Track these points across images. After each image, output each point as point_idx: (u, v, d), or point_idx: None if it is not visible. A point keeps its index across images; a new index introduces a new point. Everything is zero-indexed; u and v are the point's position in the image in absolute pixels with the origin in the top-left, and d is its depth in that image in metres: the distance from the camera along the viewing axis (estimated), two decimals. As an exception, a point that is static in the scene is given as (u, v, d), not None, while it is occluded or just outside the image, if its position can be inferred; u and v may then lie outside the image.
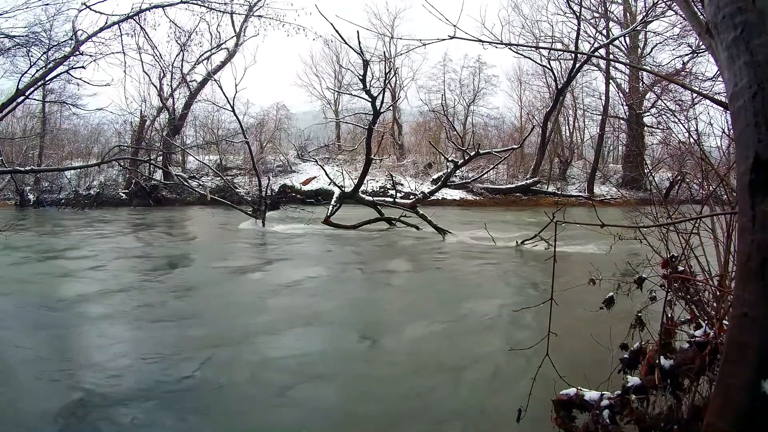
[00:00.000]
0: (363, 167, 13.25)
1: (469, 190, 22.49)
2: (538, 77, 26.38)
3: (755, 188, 1.09)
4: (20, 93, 9.84)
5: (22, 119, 23.58)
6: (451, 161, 13.32)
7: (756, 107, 1.10)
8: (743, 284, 1.14)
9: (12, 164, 17.54)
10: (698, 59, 18.95)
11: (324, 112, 29.09)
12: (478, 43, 2.54)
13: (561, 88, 21.38)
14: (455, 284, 6.50)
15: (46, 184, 21.46)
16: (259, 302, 5.48)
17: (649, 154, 17.83)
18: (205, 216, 16.43)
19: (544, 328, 2.05)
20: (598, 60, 21.92)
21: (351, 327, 4.66)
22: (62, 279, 6.75)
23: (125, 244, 9.94)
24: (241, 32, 22.48)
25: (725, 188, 2.75)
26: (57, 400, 2.95)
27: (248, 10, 21.05)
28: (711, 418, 1.22)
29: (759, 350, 1.08)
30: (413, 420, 2.82)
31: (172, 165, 22.35)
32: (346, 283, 6.69)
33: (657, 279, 2.56)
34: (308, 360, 3.71)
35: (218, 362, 3.61)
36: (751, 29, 1.13)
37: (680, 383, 2.00)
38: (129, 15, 14.62)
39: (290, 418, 2.84)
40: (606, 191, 22.82)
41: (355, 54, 11.69)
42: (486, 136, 27.32)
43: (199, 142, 25.06)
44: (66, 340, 4.19)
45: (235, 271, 7.24)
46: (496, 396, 3.14)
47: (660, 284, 2.53)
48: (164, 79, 22.84)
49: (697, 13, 1.54)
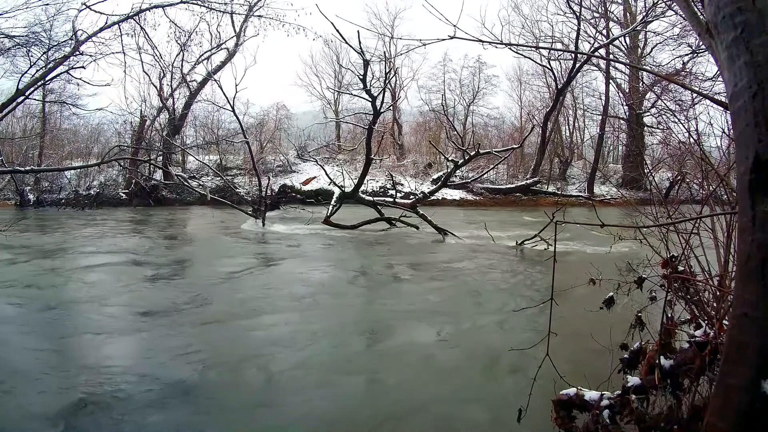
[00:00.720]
0: (363, 167, 13.25)
1: (469, 190, 22.50)
2: (538, 77, 26.46)
3: (755, 188, 1.10)
4: (20, 93, 9.83)
5: (22, 119, 23.63)
6: (451, 161, 13.32)
7: (756, 107, 1.10)
8: (743, 284, 1.14)
9: (12, 164, 17.54)
10: (698, 59, 19.02)
11: (324, 112, 29.13)
12: (478, 43, 2.54)
13: (561, 88, 21.38)
14: (455, 284, 6.50)
15: (46, 184, 21.48)
16: (259, 302, 5.48)
17: (649, 154, 17.86)
18: (205, 216, 16.43)
19: (544, 328, 2.05)
20: (598, 60, 21.96)
21: (350, 327, 4.66)
22: (62, 279, 6.74)
23: (125, 244, 9.94)
24: (241, 32, 22.50)
25: (725, 188, 2.74)
26: (57, 400, 2.95)
27: (248, 10, 21.04)
28: (711, 418, 1.22)
29: (759, 350, 1.08)
30: (413, 419, 2.82)
31: (172, 165, 22.36)
32: (345, 283, 6.69)
33: (657, 279, 2.56)
34: (308, 360, 3.71)
35: (218, 362, 3.61)
36: (751, 29, 1.13)
37: (680, 383, 2.00)
38: (129, 15, 14.60)
39: (290, 418, 2.84)
40: (606, 191, 22.83)
41: (355, 54, 11.69)
42: (486, 136, 27.34)
43: (199, 142, 25.08)
44: (66, 340, 4.19)
45: (235, 271, 7.23)
46: (496, 395, 3.14)
47: (660, 284, 2.53)
48: (164, 79, 22.88)
49: (697, 13, 1.54)
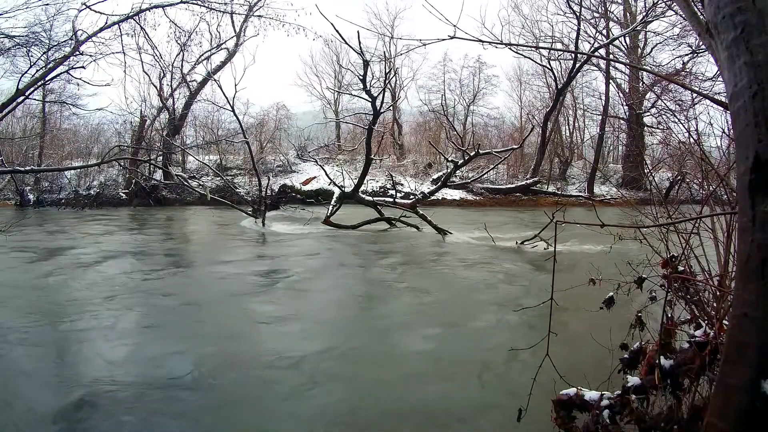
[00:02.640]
0: (363, 167, 13.25)
1: (469, 190, 22.48)
2: (538, 77, 26.44)
3: (755, 188, 1.10)
4: (20, 93, 9.82)
5: (22, 119, 23.63)
6: (451, 161, 13.32)
7: (756, 107, 1.10)
8: (743, 284, 1.14)
9: (12, 164, 17.55)
10: (698, 59, 18.99)
11: (324, 112, 29.12)
12: (478, 43, 2.54)
13: (561, 88, 21.38)
14: (455, 284, 6.50)
15: (46, 184, 21.46)
16: (259, 302, 5.48)
17: (649, 154, 17.83)
18: (205, 216, 16.43)
19: (544, 328, 2.05)
20: (598, 60, 21.95)
21: (350, 327, 4.66)
22: (62, 278, 6.74)
23: (125, 244, 9.94)
24: (241, 32, 22.48)
25: (725, 188, 2.74)
26: (57, 400, 2.95)
27: (248, 10, 21.04)
28: (711, 418, 1.22)
29: (759, 350, 1.08)
30: (412, 419, 2.82)
31: (172, 165, 22.34)
32: (345, 283, 6.69)
33: (657, 279, 2.56)
34: (308, 360, 3.71)
35: (218, 362, 3.62)
36: (751, 29, 1.13)
37: (680, 383, 2.00)
38: (129, 15, 14.61)
39: (290, 418, 2.84)
40: (606, 191, 22.81)
41: (355, 54, 11.70)
42: (486, 136, 27.33)
43: (199, 142, 25.05)
44: (66, 340, 4.19)
45: (235, 272, 7.23)
46: (497, 395, 3.14)
47: (660, 284, 2.53)
48: (164, 79, 22.84)
49: (697, 13, 1.54)
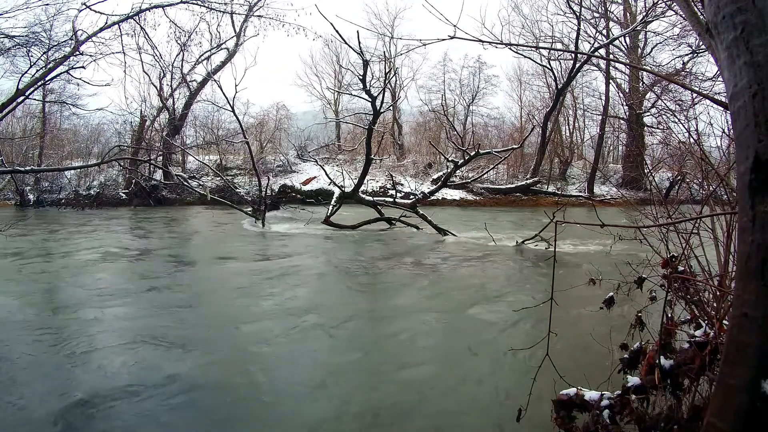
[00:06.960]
0: (363, 167, 13.24)
1: (469, 190, 22.49)
2: (538, 77, 26.45)
3: (755, 188, 1.09)
4: (20, 93, 9.85)
5: (22, 119, 23.63)
6: (451, 161, 13.32)
7: (756, 107, 1.10)
8: (743, 284, 1.14)
9: (12, 164, 17.58)
10: (698, 59, 19.00)
11: (324, 112, 29.14)
12: (478, 43, 2.55)
13: (561, 88, 21.38)
14: (455, 284, 6.50)
15: (46, 184, 21.45)
16: (259, 302, 5.48)
17: (649, 154, 17.81)
18: (205, 216, 16.43)
19: (544, 328, 2.05)
20: (598, 60, 21.95)
21: (350, 327, 4.66)
22: (62, 278, 6.74)
23: (125, 244, 9.94)
24: (241, 32, 22.49)
25: (725, 188, 2.74)
26: (57, 400, 2.95)
27: (248, 10, 21.07)
28: (711, 418, 1.21)
29: (759, 350, 1.08)
30: (412, 419, 2.82)
31: (172, 165, 22.37)
32: (345, 283, 6.69)
33: (657, 279, 2.56)
34: (308, 359, 3.71)
35: (218, 362, 3.62)
36: (751, 29, 1.13)
37: (680, 383, 2.00)
38: (129, 15, 14.65)
39: (290, 417, 2.84)
40: (606, 191, 22.81)
41: (355, 54, 11.68)
42: (486, 136, 27.34)
43: (199, 142, 25.08)
44: (66, 340, 4.19)
45: (235, 272, 7.23)
46: (496, 395, 3.14)
47: (660, 284, 2.53)
48: (164, 79, 22.86)
49: (697, 13, 1.54)
